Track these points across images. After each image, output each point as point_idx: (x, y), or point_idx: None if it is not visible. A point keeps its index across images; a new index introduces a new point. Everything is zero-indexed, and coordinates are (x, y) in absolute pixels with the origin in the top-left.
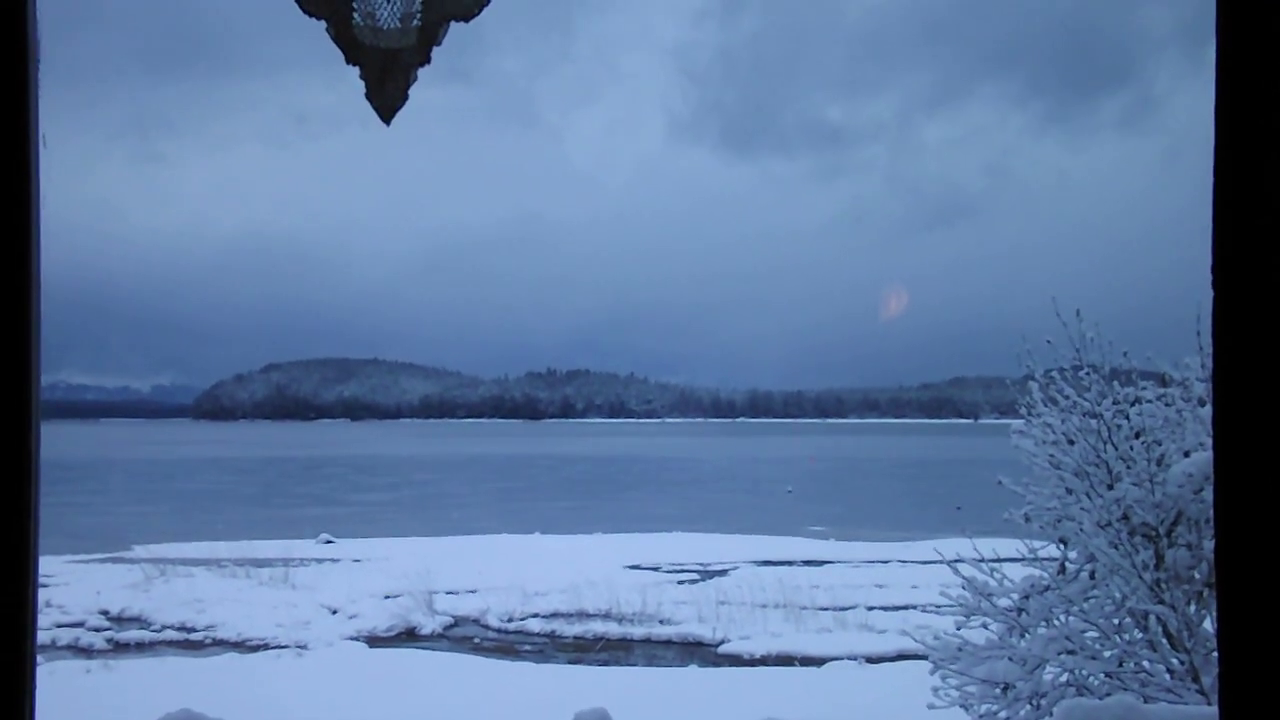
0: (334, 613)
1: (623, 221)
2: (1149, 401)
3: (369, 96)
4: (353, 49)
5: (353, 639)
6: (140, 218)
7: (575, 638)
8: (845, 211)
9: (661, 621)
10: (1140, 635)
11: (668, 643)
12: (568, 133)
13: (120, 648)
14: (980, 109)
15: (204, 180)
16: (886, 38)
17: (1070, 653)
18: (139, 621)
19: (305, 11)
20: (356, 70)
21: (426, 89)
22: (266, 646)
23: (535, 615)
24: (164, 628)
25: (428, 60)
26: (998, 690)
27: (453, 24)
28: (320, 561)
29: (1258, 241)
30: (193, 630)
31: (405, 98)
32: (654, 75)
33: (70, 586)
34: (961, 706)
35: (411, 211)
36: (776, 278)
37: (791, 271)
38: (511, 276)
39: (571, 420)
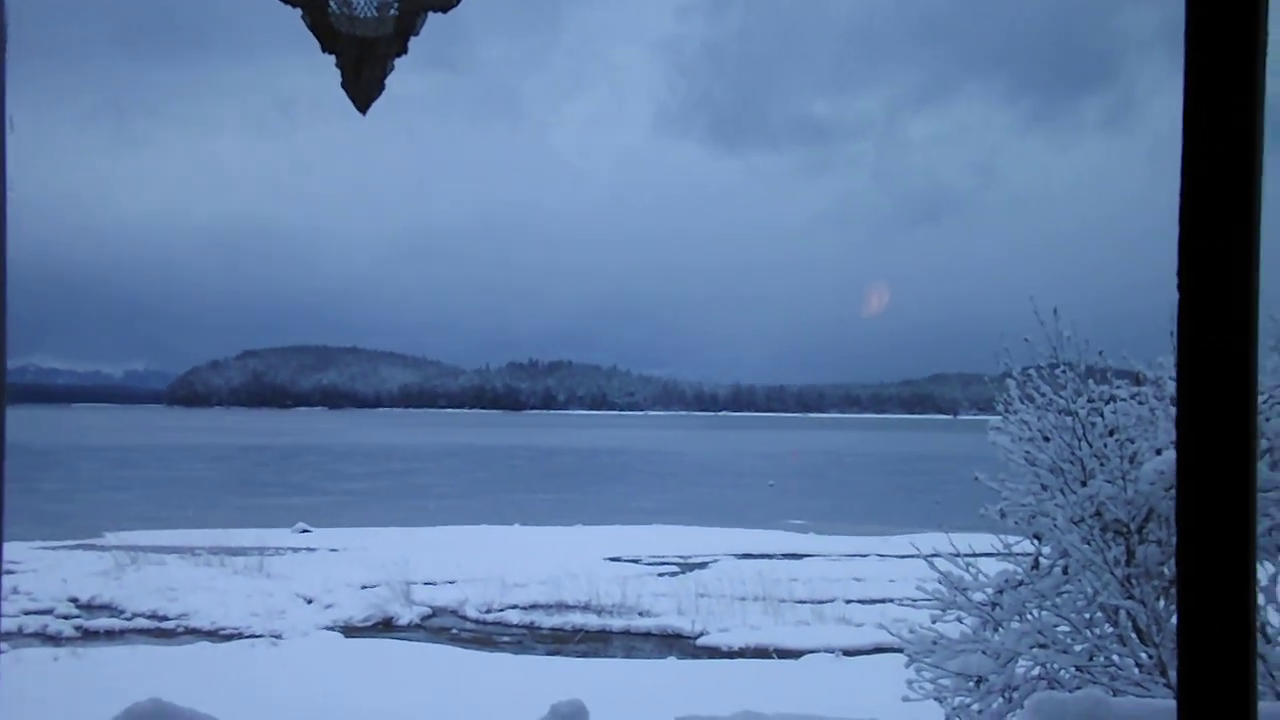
0: (310, 602)
1: (608, 213)
2: (1123, 400)
3: (345, 86)
4: (329, 37)
5: (328, 629)
6: (117, 202)
7: (554, 629)
8: (831, 207)
9: (640, 613)
10: (1111, 630)
11: (646, 635)
12: (554, 123)
13: (90, 635)
14: (967, 107)
15: (184, 165)
16: (874, 34)
17: (1042, 646)
18: (109, 609)
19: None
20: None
21: (412, 78)
22: (240, 635)
23: (514, 606)
24: (135, 616)
25: (404, 50)
26: (971, 683)
27: (431, 15)
28: (296, 550)
29: (1221, 243)
30: (165, 618)
31: (382, 88)
32: (642, 68)
33: (39, 573)
34: (936, 699)
35: (395, 200)
36: (761, 272)
37: (776, 266)
38: (495, 267)
39: (553, 412)
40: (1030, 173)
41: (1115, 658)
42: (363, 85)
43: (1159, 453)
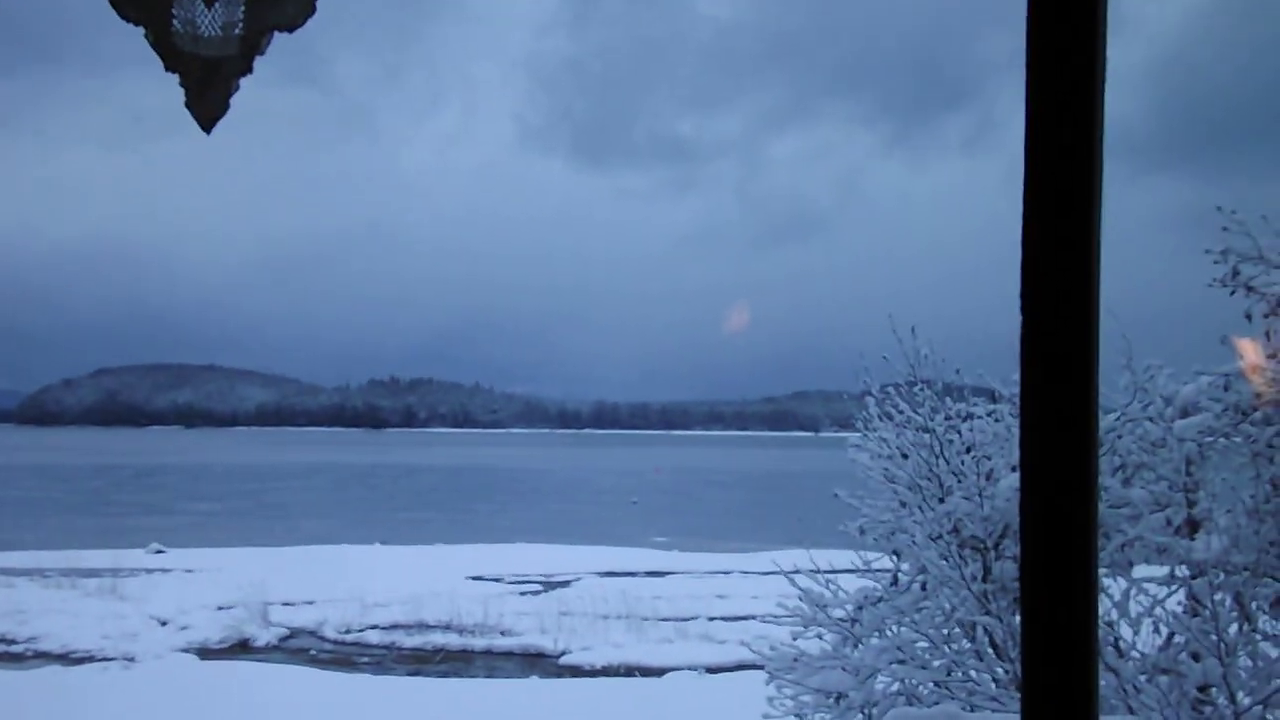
0: (164, 624)
1: (470, 230)
2: (980, 417)
3: (189, 105)
4: (172, 56)
5: (183, 651)
6: None
7: (414, 649)
8: (695, 225)
9: (503, 633)
10: (968, 645)
11: (509, 654)
12: (414, 140)
13: None
14: (828, 127)
15: (34, 179)
16: (737, 53)
17: (901, 662)
18: None
19: (123, 17)
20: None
21: (270, 94)
22: (92, 659)
23: (374, 627)
24: None
25: (250, 70)
26: (831, 700)
27: (279, 34)
28: (150, 572)
29: (1058, 262)
30: (13, 642)
31: (227, 107)
32: (503, 85)
33: None
34: (796, 716)
35: (252, 217)
36: (624, 289)
37: (640, 283)
38: (355, 284)
39: (415, 430)
40: (891, 193)
41: (973, 673)
42: (207, 105)
43: (1014, 469)
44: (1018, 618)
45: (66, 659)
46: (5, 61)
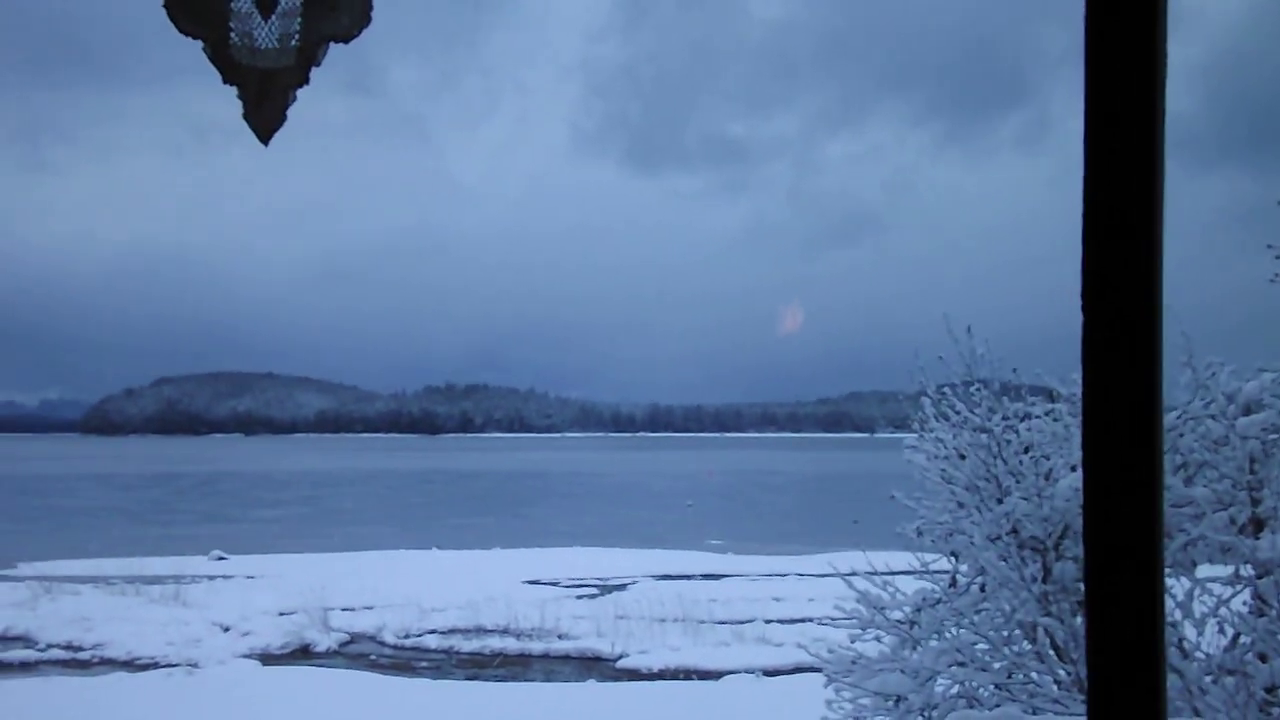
0: (226, 630)
1: (525, 235)
2: (1038, 417)
3: (246, 117)
4: (230, 69)
5: (246, 657)
6: (31, 229)
7: (472, 654)
8: (748, 228)
9: (560, 636)
10: (1029, 647)
11: (566, 658)
12: (469, 146)
13: (4, 667)
14: (880, 127)
15: (96, 190)
16: (789, 55)
17: (961, 665)
18: (23, 640)
19: (182, 31)
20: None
21: (325, 103)
22: (156, 665)
23: (432, 631)
24: (49, 647)
25: (306, 81)
26: (890, 702)
27: (333, 44)
28: (212, 578)
29: (1124, 259)
30: (80, 649)
31: (283, 118)
32: (557, 90)
33: None
34: (855, 718)
35: (310, 225)
36: (678, 292)
37: (693, 286)
38: (410, 290)
39: (470, 435)
40: (944, 192)
41: (1033, 675)
42: (264, 116)
43: (1074, 469)
44: (1079, 619)
45: (131, 666)
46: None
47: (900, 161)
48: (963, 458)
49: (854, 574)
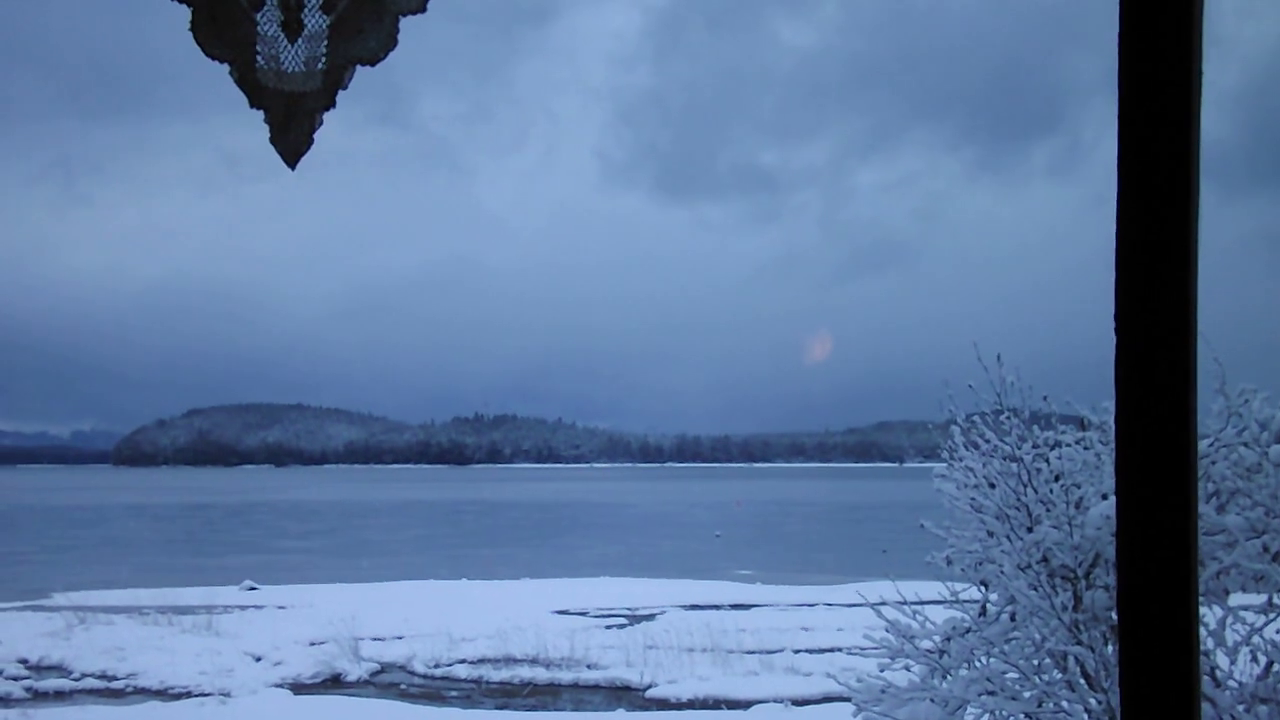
0: (258, 660)
1: (554, 266)
2: (1068, 445)
3: (273, 141)
4: (256, 93)
5: (277, 686)
6: (63, 261)
7: (502, 683)
8: (777, 256)
9: (589, 666)
10: (1059, 676)
11: (595, 687)
12: (498, 177)
13: (39, 696)
14: (912, 155)
15: (130, 223)
16: (820, 83)
17: (991, 694)
18: (59, 670)
19: (209, 55)
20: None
21: (357, 134)
22: (189, 694)
23: (462, 661)
24: (84, 676)
25: (333, 104)
26: None
27: (360, 68)
28: (244, 608)
29: (1154, 287)
30: (114, 678)
31: (310, 142)
32: (587, 119)
33: None
34: None
35: (339, 256)
36: (706, 322)
37: (721, 316)
38: (439, 321)
39: (499, 465)
40: (975, 220)
41: (1064, 704)
42: (291, 140)
43: (1105, 498)
44: (1110, 647)
45: (165, 695)
46: (102, 109)
47: (931, 189)
48: (992, 486)
49: (883, 603)
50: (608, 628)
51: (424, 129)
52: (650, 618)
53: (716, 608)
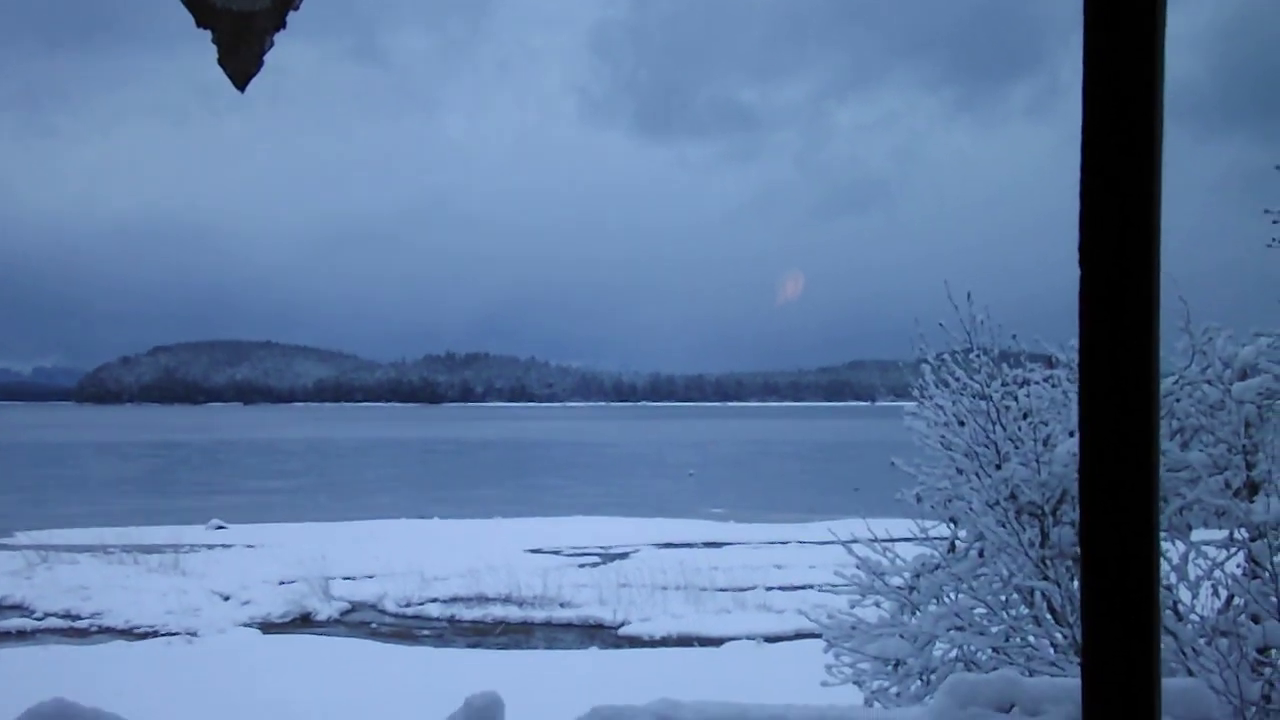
0: (226, 599)
1: (528, 203)
2: (1036, 383)
3: (221, 62)
4: (204, 12)
5: (246, 625)
6: (27, 194)
7: (474, 622)
8: (754, 194)
9: (562, 604)
10: (1026, 611)
11: (568, 625)
12: (476, 112)
13: (0, 636)
14: (892, 94)
15: (98, 156)
16: (802, 20)
17: (959, 629)
18: (20, 609)
19: None
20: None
21: (332, 68)
22: (155, 634)
23: (434, 600)
24: (47, 615)
25: (283, 24)
26: (889, 667)
27: None
28: (212, 548)
29: (1118, 225)
30: (78, 618)
31: (260, 64)
32: (565, 54)
33: None
34: (855, 683)
35: (312, 191)
36: (682, 261)
37: (697, 255)
38: (412, 259)
39: (471, 404)
40: (954, 159)
41: (1031, 638)
42: (239, 61)
43: (1072, 435)
44: (1076, 583)
45: (130, 634)
46: (69, 36)
47: (911, 128)
48: (962, 424)
49: (854, 541)
50: (580, 566)
51: (400, 64)
52: (623, 556)
53: (689, 546)
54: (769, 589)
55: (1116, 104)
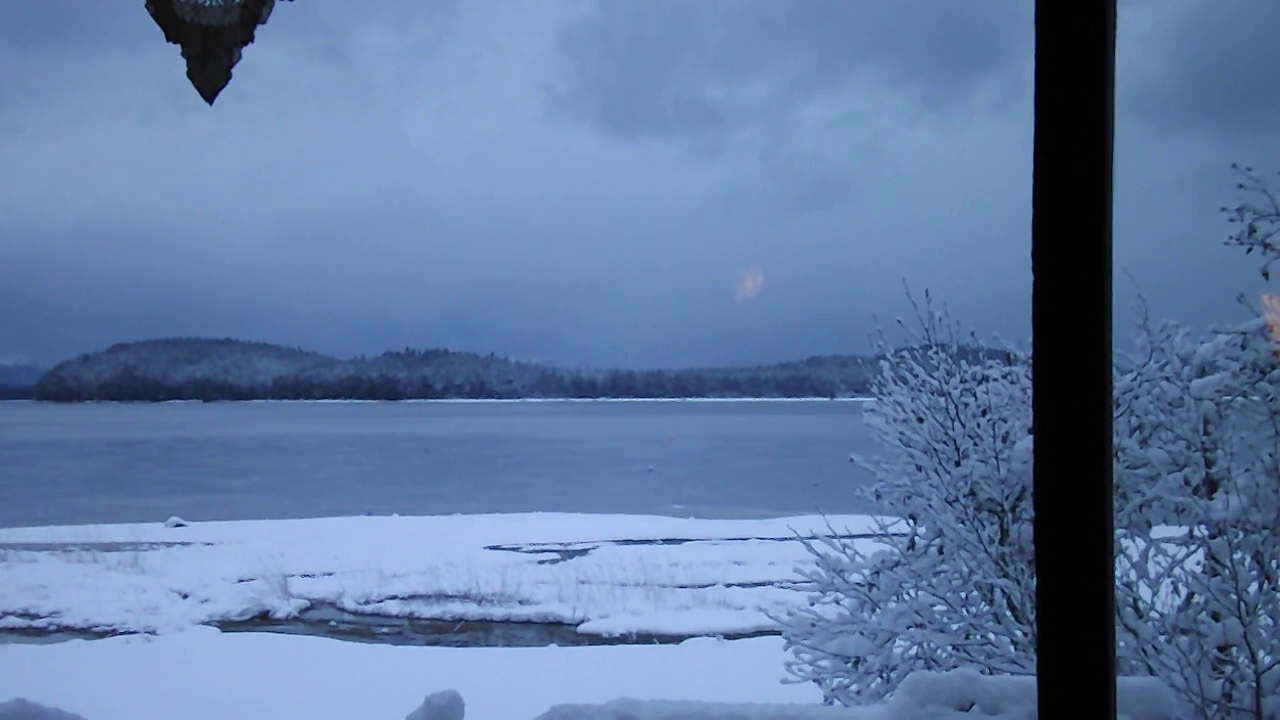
0: (185, 597)
1: (490, 200)
2: (995, 380)
3: (190, 75)
4: (173, 26)
5: (204, 623)
6: None
7: (433, 619)
8: (720, 192)
9: (521, 602)
10: (986, 608)
11: (527, 623)
12: (440, 110)
13: None
14: (856, 92)
15: (63, 154)
16: (766, 19)
17: (919, 626)
18: None
19: None
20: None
21: (297, 67)
22: (114, 632)
23: (393, 597)
24: (5, 614)
25: (251, 39)
26: (849, 664)
27: (280, 3)
28: (170, 545)
29: (1068, 229)
30: (36, 616)
31: (228, 77)
32: (530, 53)
33: None
34: (815, 680)
35: (274, 190)
36: (644, 258)
37: (659, 252)
38: (373, 256)
39: (430, 401)
40: (918, 157)
41: (990, 635)
42: (208, 74)
43: (1030, 432)
44: (1035, 580)
45: (89, 633)
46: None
47: (875, 126)
48: (921, 421)
49: (814, 537)
50: (540, 563)
51: (365, 63)
52: (582, 553)
53: (649, 542)
54: (729, 586)
55: (1068, 106)
